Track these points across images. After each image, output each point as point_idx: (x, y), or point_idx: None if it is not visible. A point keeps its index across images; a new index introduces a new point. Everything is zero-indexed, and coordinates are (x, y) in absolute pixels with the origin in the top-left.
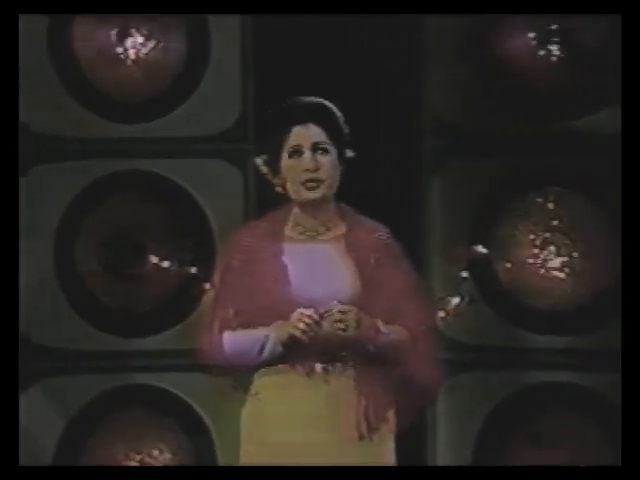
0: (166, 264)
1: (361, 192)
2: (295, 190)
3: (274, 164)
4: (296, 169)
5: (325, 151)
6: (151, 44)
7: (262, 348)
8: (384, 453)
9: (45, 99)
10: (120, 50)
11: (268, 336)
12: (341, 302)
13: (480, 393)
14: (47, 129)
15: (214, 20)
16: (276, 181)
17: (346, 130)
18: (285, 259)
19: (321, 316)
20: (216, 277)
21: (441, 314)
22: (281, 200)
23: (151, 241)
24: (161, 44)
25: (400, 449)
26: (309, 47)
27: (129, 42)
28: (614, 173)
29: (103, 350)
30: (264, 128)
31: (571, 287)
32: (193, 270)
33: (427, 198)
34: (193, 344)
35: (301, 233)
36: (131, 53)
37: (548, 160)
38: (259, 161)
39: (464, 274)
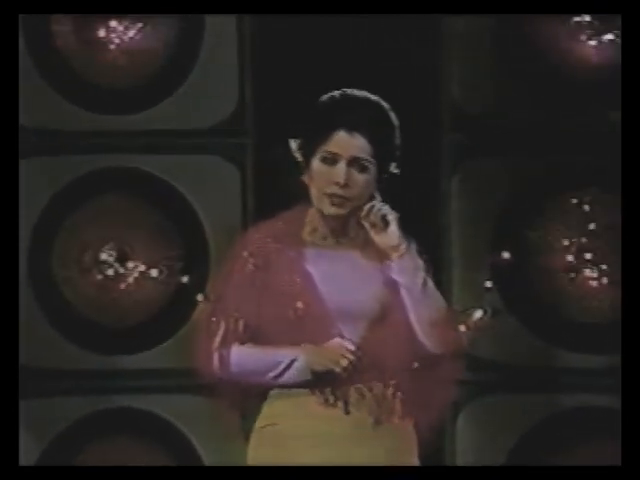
0: (154, 273)
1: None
2: (318, 199)
3: (305, 158)
4: (325, 177)
5: (364, 168)
6: (136, 27)
7: (284, 371)
8: None
9: (23, 90)
10: (102, 34)
11: (295, 359)
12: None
13: (505, 419)
14: (24, 121)
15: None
16: (304, 171)
17: (397, 142)
18: (308, 266)
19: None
20: (210, 287)
21: (462, 329)
22: (286, 201)
23: (137, 246)
24: (148, 27)
25: None
26: (315, 34)
27: (112, 25)
28: None
29: (83, 369)
30: (306, 114)
31: (610, 299)
32: (184, 280)
33: (446, 199)
34: (184, 363)
35: (322, 239)
36: (114, 37)
37: (582, 157)
38: (293, 145)
39: (488, 284)
